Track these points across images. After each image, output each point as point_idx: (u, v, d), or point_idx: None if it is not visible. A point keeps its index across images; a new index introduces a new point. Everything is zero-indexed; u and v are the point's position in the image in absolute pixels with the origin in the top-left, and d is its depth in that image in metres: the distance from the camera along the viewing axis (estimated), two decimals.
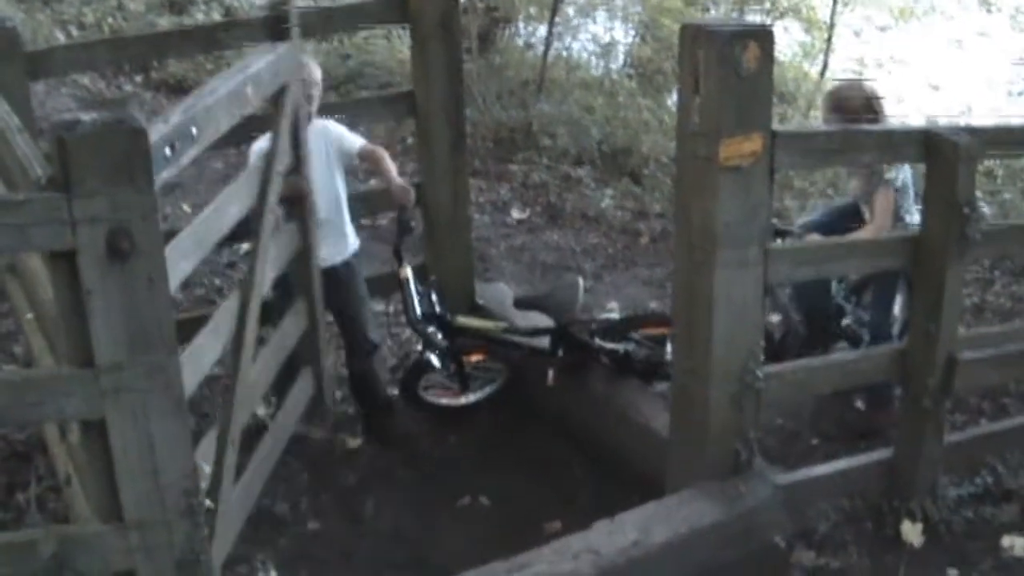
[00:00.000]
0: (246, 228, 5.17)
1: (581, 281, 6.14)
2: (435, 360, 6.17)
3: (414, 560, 5.27)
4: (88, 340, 3.40)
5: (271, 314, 5.53)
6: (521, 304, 6.30)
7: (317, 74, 5.88)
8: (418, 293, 6.00)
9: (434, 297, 6.12)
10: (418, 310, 5.98)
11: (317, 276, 5.94)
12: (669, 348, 5.87)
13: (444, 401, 6.36)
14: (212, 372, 4.77)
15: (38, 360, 5.13)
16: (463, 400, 6.33)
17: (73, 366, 3.50)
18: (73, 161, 3.20)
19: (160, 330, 3.46)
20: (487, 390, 6.40)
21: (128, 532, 3.64)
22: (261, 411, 5.62)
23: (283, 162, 5.27)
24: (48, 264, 3.60)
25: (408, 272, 5.97)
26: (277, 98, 5.28)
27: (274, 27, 5.53)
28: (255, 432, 5.34)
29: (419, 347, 6.34)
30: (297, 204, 5.63)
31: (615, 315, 6.56)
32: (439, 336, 6.05)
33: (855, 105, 5.99)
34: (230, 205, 4.73)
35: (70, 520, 4.76)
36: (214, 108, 4.29)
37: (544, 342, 6.10)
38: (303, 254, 5.78)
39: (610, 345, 6.06)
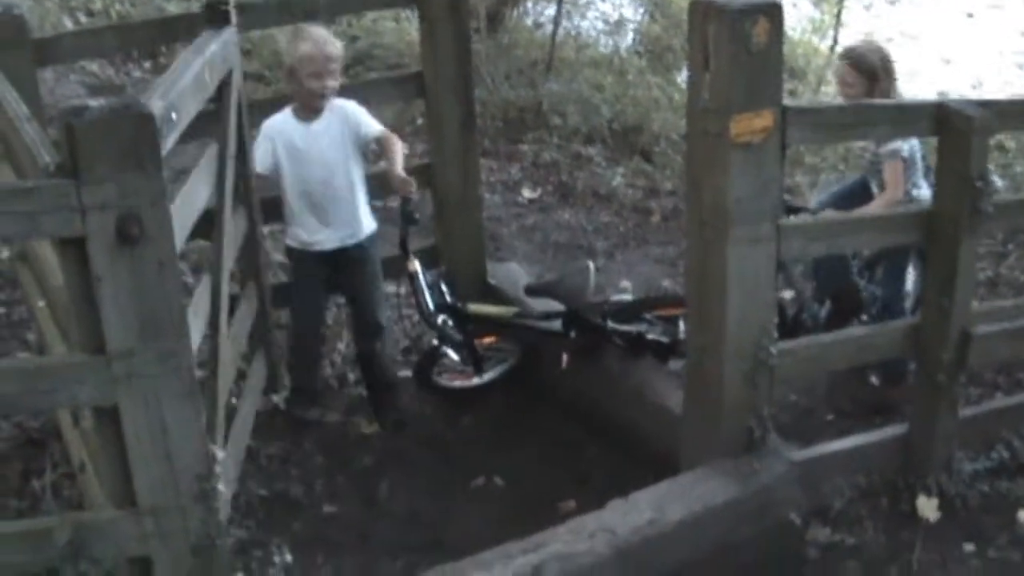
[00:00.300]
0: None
1: (591, 265, 6.09)
2: (451, 353, 6.16)
3: (430, 541, 5.26)
4: (99, 326, 3.41)
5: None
6: (531, 291, 6.26)
7: (337, 49, 5.87)
8: (428, 285, 5.97)
9: (444, 287, 6.08)
10: (430, 304, 5.95)
11: (265, 258, 6.13)
12: (683, 327, 5.89)
13: (458, 384, 6.35)
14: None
15: (51, 347, 5.14)
16: (476, 381, 6.32)
17: (85, 353, 3.52)
18: (81, 147, 3.21)
19: (171, 315, 3.47)
20: (500, 369, 6.39)
21: (143, 518, 3.66)
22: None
23: (232, 146, 5.28)
24: (58, 251, 3.61)
25: (416, 265, 5.94)
26: (224, 83, 5.25)
27: (214, 13, 5.48)
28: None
29: (433, 339, 6.31)
30: (243, 189, 5.67)
31: (628, 296, 6.52)
32: (453, 328, 6.03)
33: (871, 62, 6.00)
34: (199, 188, 4.73)
35: (85, 507, 4.78)
36: (185, 93, 4.28)
37: (557, 324, 6.08)
38: (250, 237, 5.82)
39: (623, 327, 6.04)
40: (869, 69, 5.99)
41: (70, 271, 3.44)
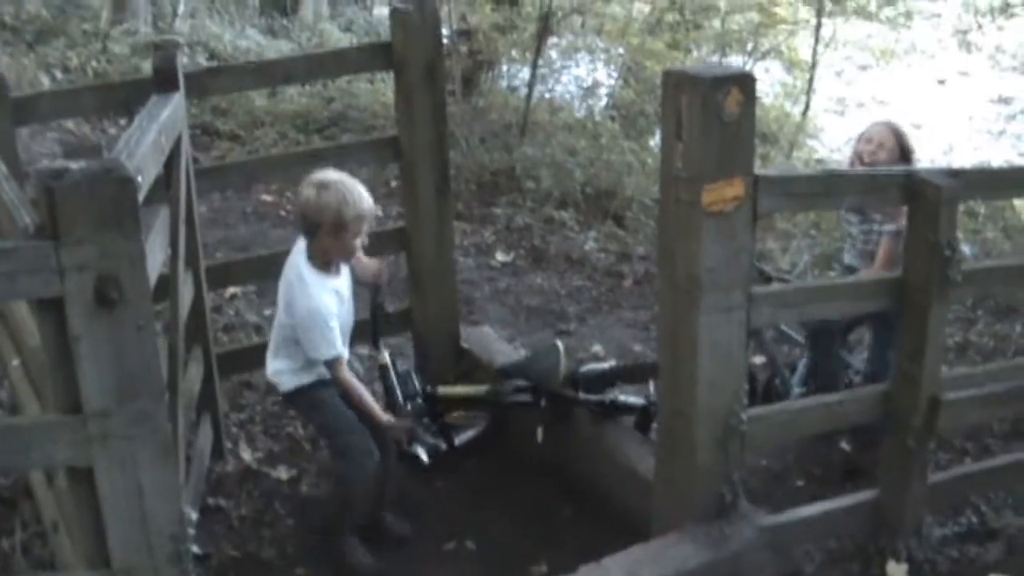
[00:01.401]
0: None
1: (561, 345, 6.09)
2: (423, 454, 5.79)
3: None
4: (75, 387, 3.41)
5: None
6: (504, 373, 6.26)
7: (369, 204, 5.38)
8: (398, 375, 5.84)
9: (414, 376, 5.96)
10: (399, 396, 5.78)
11: (208, 321, 6.04)
12: (652, 388, 5.96)
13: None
14: None
15: (24, 407, 5.13)
16: (443, 448, 6.30)
17: (60, 413, 3.51)
18: (61, 209, 3.21)
19: (147, 377, 3.47)
20: (469, 435, 6.37)
21: None
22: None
23: (183, 210, 5.33)
24: (36, 311, 3.61)
25: (387, 358, 5.84)
26: (175, 147, 5.28)
27: (163, 78, 5.48)
28: None
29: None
30: (192, 253, 5.69)
31: (601, 364, 6.51)
32: (425, 421, 5.93)
33: (909, 143, 6.26)
34: (155, 252, 4.74)
35: (56, 567, 4.76)
36: (146, 157, 4.32)
37: (528, 397, 6.07)
38: (197, 301, 5.85)
39: (595, 397, 6.03)
40: (906, 147, 6.20)
41: (47, 332, 3.44)
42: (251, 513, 5.88)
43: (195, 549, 3.94)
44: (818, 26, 15.00)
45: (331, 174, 5.24)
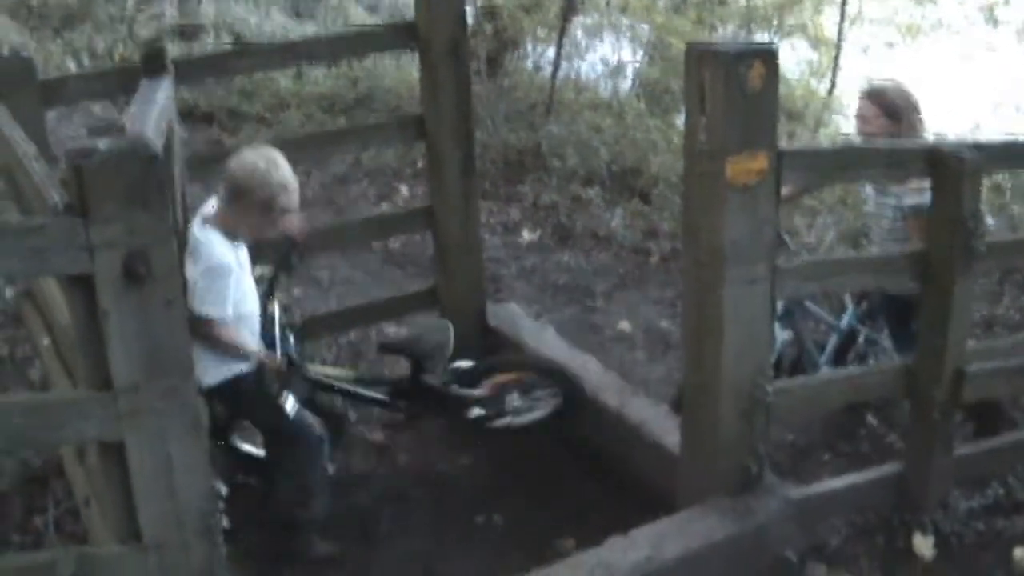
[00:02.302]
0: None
1: (451, 326, 6.04)
2: (289, 404, 5.29)
3: None
4: (105, 363, 3.45)
5: None
6: (385, 348, 6.26)
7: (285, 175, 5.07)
8: (282, 328, 5.54)
9: (293, 343, 5.60)
10: (279, 347, 5.41)
11: None
12: (510, 400, 6.01)
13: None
14: None
15: (54, 385, 5.19)
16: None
17: (91, 389, 3.56)
18: (90, 187, 3.26)
19: (176, 352, 3.51)
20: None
21: (146, 553, 3.69)
22: None
23: (179, 193, 5.34)
24: (65, 288, 3.65)
25: (277, 310, 5.55)
26: (169, 131, 5.25)
27: (152, 63, 5.48)
28: None
29: None
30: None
31: (468, 363, 6.35)
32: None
33: (892, 100, 5.99)
34: None
35: (88, 542, 4.81)
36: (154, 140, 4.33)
37: (381, 394, 5.96)
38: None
39: (465, 392, 5.99)
40: (890, 106, 5.97)
41: (77, 309, 3.48)
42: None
43: (225, 523, 3.97)
44: (843, 2, 14.94)
45: (279, 156, 5.07)
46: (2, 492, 5.60)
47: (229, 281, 4.93)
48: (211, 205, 5.10)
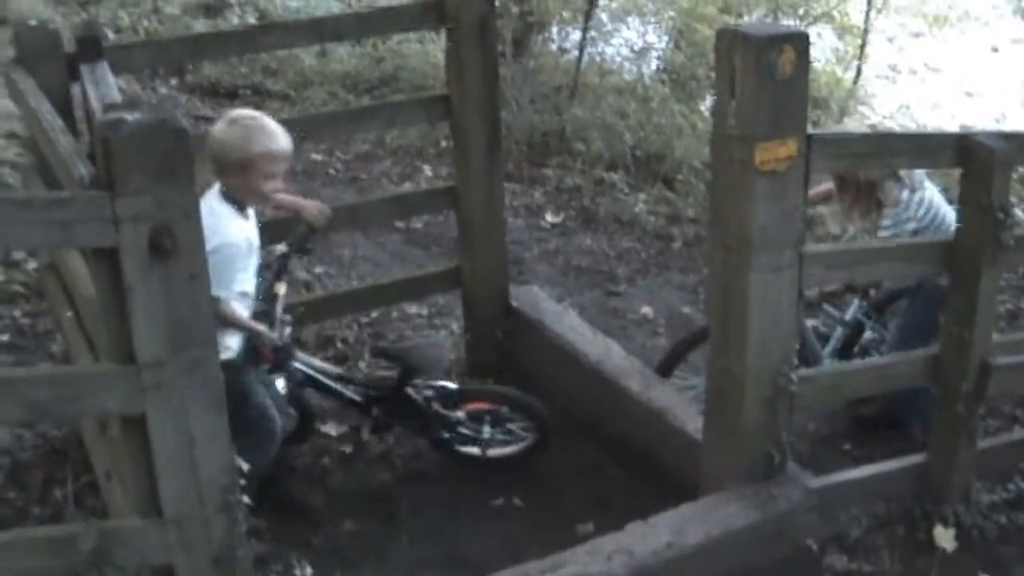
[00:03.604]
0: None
1: (449, 342, 5.95)
2: (280, 384, 5.49)
3: (448, 559, 5.29)
4: (129, 337, 3.45)
5: None
6: (379, 353, 6.21)
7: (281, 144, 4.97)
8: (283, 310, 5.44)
9: (284, 327, 5.44)
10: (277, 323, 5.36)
11: None
12: (487, 429, 5.95)
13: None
14: None
15: (76, 358, 5.19)
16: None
17: (114, 362, 3.55)
18: (117, 160, 3.25)
19: (200, 327, 3.51)
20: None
21: (167, 527, 3.69)
22: None
23: None
24: (90, 261, 3.65)
25: (283, 289, 5.49)
26: None
27: (87, 47, 5.34)
28: None
29: None
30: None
31: (449, 384, 6.28)
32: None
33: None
34: None
35: (108, 516, 4.81)
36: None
37: (358, 395, 5.86)
38: None
39: (445, 412, 5.91)
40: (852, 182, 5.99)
41: (101, 282, 3.48)
42: (301, 467, 5.92)
43: (245, 499, 3.96)
44: None
45: (244, 111, 4.99)
46: (23, 464, 5.61)
47: (237, 261, 4.85)
48: (214, 187, 4.99)
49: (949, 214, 5.83)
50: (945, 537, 5.18)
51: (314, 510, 5.59)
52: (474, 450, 6.01)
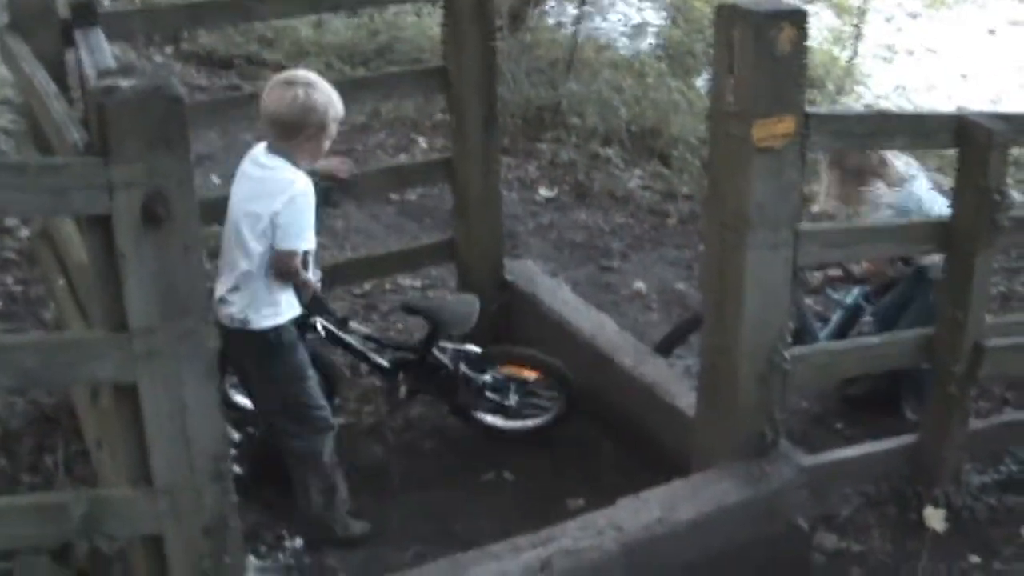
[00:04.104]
0: None
1: (478, 302, 6.00)
2: (320, 325, 5.50)
3: (440, 533, 5.27)
4: (121, 305, 3.43)
5: None
6: (409, 308, 6.13)
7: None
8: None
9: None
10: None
11: None
12: (512, 397, 5.94)
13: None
14: None
15: (68, 325, 5.17)
16: None
17: (106, 330, 3.54)
18: (111, 126, 3.22)
19: (193, 296, 3.48)
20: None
21: (157, 496, 3.67)
22: None
23: None
24: (84, 228, 3.64)
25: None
26: None
27: (82, 12, 5.27)
28: None
29: None
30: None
31: (475, 349, 6.26)
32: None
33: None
34: None
35: (98, 484, 4.80)
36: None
37: (385, 360, 5.83)
38: None
39: (474, 374, 5.89)
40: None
41: (94, 249, 3.46)
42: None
43: (236, 469, 3.96)
44: None
45: (310, 74, 5.00)
46: (13, 432, 5.60)
47: (310, 211, 4.86)
48: (256, 149, 4.99)
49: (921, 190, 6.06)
50: (935, 518, 5.18)
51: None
52: (497, 421, 6.02)
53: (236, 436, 4.53)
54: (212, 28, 11.97)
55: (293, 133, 4.87)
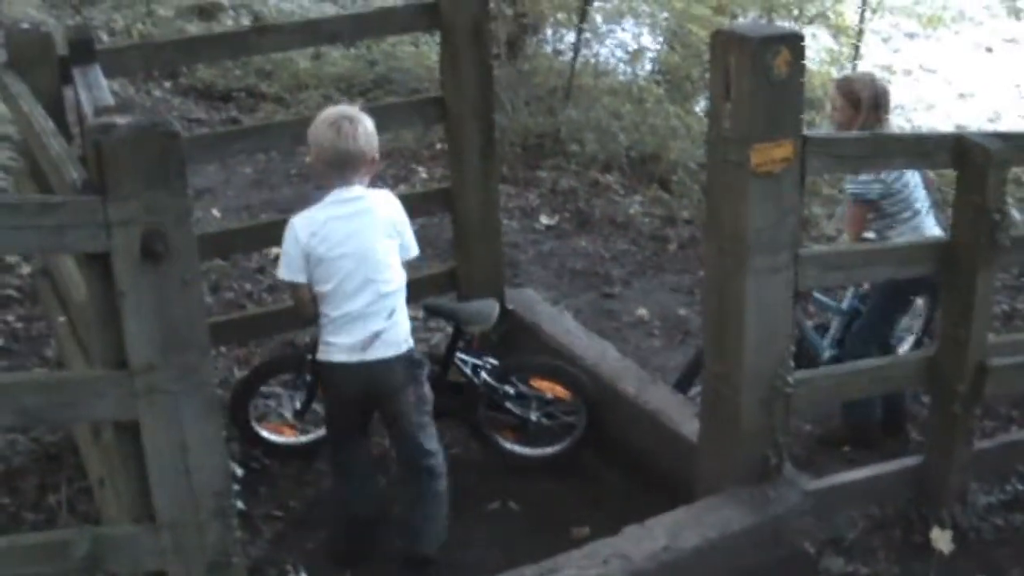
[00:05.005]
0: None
1: (497, 306, 5.96)
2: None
3: (444, 562, 5.25)
4: (121, 342, 3.43)
5: None
6: (431, 309, 6.17)
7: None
8: None
9: None
10: None
11: None
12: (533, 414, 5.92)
13: (278, 439, 6.06)
14: None
15: (70, 363, 5.17)
16: (299, 439, 6.13)
17: (106, 368, 3.54)
18: (109, 164, 3.24)
19: (193, 332, 3.49)
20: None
21: (160, 533, 3.68)
22: None
23: None
24: (83, 266, 3.63)
25: None
26: None
27: (79, 51, 5.30)
28: None
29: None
30: None
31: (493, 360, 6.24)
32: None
33: (856, 90, 6.10)
34: None
35: (101, 521, 4.79)
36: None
37: None
38: None
39: (496, 384, 5.89)
40: (853, 97, 6.07)
41: (94, 286, 3.47)
42: (292, 471, 5.90)
43: (239, 505, 3.95)
44: None
45: (351, 108, 5.13)
46: (16, 469, 5.59)
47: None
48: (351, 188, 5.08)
49: (914, 177, 6.07)
50: (942, 539, 5.16)
51: None
52: (516, 447, 6.02)
53: (239, 471, 4.51)
54: (210, 62, 12.01)
55: (362, 164, 5.06)
